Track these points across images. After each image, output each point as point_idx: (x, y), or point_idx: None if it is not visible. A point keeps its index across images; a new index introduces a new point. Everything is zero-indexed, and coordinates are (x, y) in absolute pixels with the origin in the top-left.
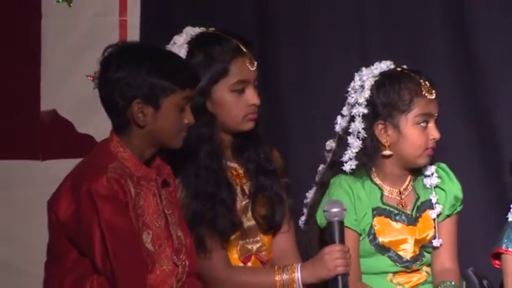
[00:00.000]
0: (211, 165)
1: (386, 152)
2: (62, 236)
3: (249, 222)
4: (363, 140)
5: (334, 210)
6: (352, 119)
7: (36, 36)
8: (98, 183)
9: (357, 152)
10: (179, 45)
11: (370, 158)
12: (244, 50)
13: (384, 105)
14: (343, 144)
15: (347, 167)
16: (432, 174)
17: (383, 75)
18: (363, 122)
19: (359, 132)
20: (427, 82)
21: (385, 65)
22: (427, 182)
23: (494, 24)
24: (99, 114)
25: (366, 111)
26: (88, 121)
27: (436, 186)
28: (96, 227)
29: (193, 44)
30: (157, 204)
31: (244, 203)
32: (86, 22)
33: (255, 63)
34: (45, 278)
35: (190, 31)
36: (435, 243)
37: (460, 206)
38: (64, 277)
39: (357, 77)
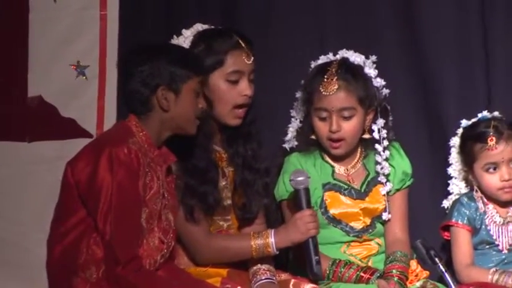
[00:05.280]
0: (207, 145)
1: (312, 137)
2: (73, 194)
3: (223, 201)
4: (302, 122)
5: (300, 178)
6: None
7: (24, 28)
8: (119, 149)
9: (297, 132)
10: (185, 37)
11: (308, 139)
12: (243, 45)
13: (303, 98)
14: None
15: (287, 145)
16: (382, 160)
17: (313, 68)
18: (302, 106)
19: (297, 115)
20: (328, 78)
21: (340, 55)
22: (378, 169)
23: (439, 11)
24: (80, 99)
25: (303, 97)
26: (70, 106)
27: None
28: (107, 186)
29: (198, 36)
30: (159, 188)
31: (223, 183)
32: (70, 16)
33: (252, 58)
34: (49, 236)
35: (198, 26)
36: (384, 216)
37: (409, 180)
38: (66, 234)
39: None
